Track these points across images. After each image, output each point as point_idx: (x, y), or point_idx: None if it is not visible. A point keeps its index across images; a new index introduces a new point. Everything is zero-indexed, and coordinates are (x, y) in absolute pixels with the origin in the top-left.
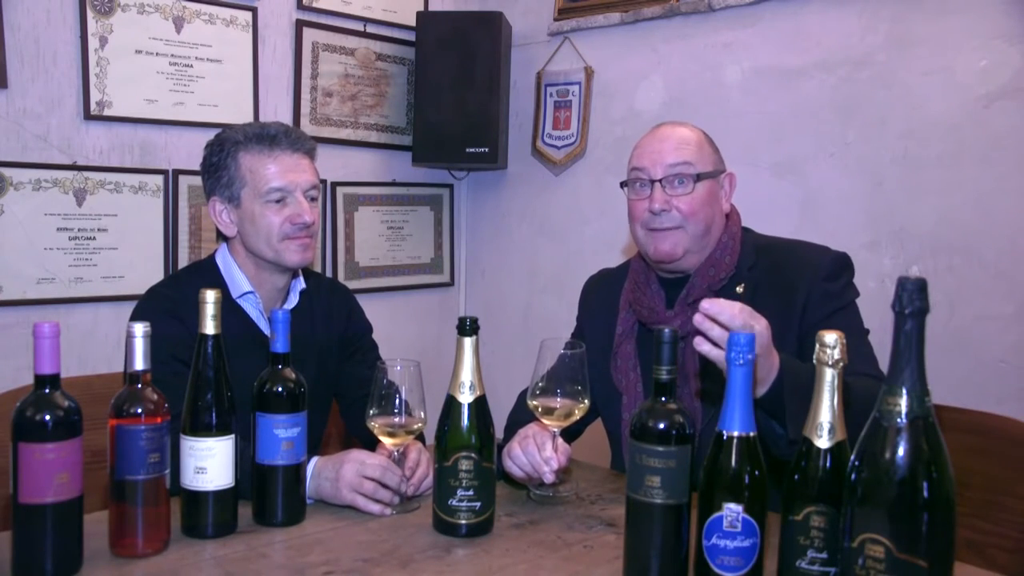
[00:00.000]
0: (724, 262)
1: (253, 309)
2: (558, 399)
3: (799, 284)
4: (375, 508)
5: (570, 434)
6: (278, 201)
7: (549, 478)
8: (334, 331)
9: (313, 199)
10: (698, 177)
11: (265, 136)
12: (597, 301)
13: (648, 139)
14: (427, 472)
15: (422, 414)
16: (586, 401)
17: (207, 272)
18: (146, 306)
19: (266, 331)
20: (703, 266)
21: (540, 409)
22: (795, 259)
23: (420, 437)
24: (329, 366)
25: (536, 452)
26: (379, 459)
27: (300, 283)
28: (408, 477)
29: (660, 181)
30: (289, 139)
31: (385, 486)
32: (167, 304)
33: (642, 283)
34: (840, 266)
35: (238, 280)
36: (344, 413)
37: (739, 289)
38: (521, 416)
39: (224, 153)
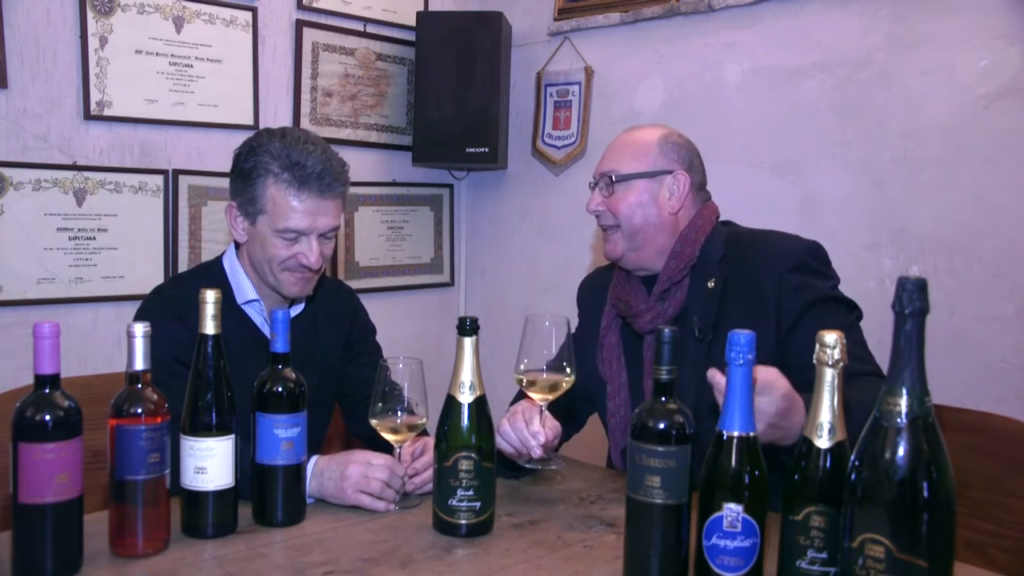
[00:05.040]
0: (685, 253)
1: (257, 315)
2: (544, 372)
3: (766, 280)
4: (380, 505)
5: (572, 423)
6: (290, 239)
7: (536, 452)
8: (339, 335)
9: (328, 239)
10: (617, 180)
11: (300, 170)
12: (590, 299)
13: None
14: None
15: (424, 411)
16: (572, 374)
17: (213, 275)
18: (150, 306)
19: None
20: (667, 260)
21: (525, 382)
22: (762, 250)
23: (424, 433)
24: (333, 369)
25: (524, 427)
26: (384, 459)
27: None
28: (411, 476)
29: (597, 184)
30: (321, 183)
31: (390, 486)
32: (171, 305)
33: (623, 279)
34: (808, 255)
35: (244, 286)
36: (346, 414)
37: (710, 284)
38: None
39: (255, 167)
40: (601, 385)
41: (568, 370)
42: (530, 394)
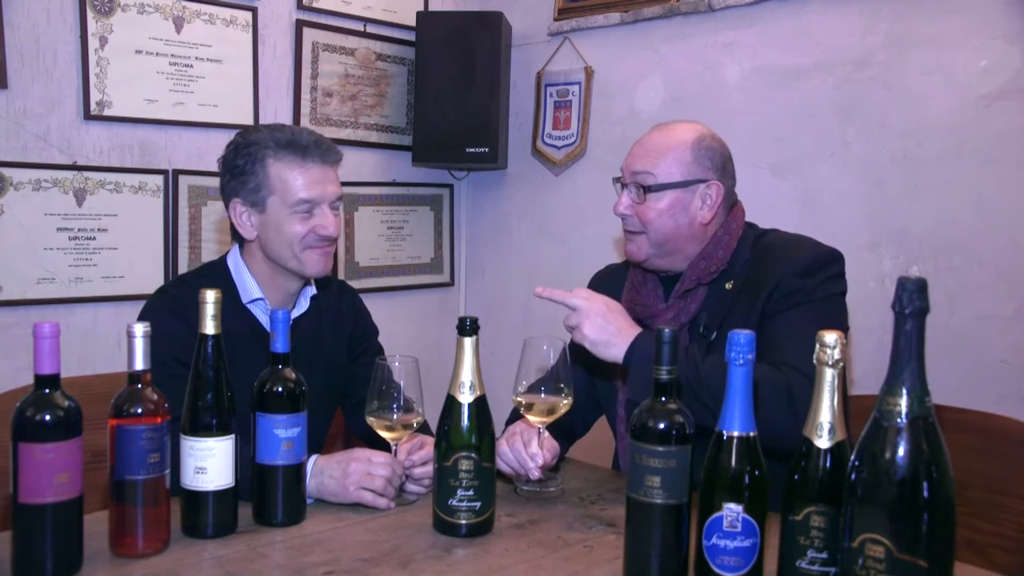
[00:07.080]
0: (717, 256)
1: (263, 314)
2: (541, 396)
3: (771, 277)
4: (382, 502)
5: (569, 434)
6: (305, 212)
7: (534, 474)
8: (342, 334)
9: (336, 209)
10: (650, 188)
11: (297, 145)
12: None
13: (637, 139)
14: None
15: (420, 409)
16: (569, 397)
17: (218, 275)
18: (154, 306)
19: None
20: (696, 259)
21: (524, 405)
22: (780, 254)
23: (423, 430)
24: (337, 369)
25: (522, 449)
26: (386, 456)
27: (311, 289)
28: (408, 467)
29: (627, 186)
30: (320, 150)
31: (391, 483)
32: (175, 305)
33: (639, 282)
34: (820, 263)
35: (248, 285)
36: (347, 413)
37: (728, 286)
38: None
39: (251, 157)
40: (610, 391)
41: (566, 393)
42: (528, 417)
